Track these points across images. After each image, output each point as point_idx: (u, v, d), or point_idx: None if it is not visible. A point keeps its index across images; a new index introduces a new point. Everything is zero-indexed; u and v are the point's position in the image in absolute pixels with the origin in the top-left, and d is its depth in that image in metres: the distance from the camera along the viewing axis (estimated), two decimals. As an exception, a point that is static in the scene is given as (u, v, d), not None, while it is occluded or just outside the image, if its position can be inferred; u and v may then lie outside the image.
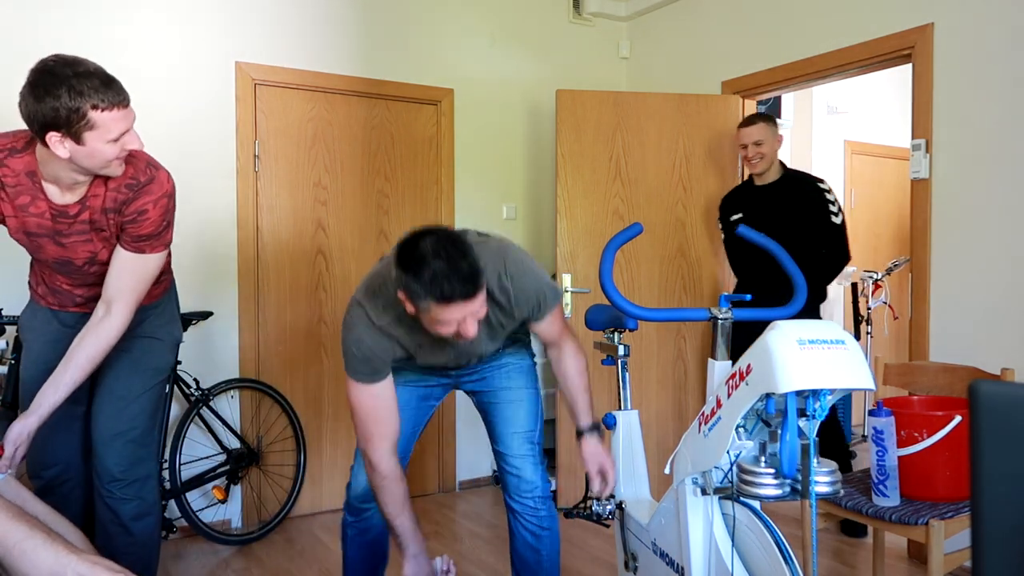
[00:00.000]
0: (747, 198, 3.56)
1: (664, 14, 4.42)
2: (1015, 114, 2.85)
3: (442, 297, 1.63)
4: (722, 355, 1.93)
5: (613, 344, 2.49)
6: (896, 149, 5.63)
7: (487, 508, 3.85)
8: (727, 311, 1.94)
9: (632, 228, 2.05)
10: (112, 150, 1.79)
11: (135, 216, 1.96)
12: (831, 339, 1.51)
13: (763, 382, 1.52)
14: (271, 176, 3.65)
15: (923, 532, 2.16)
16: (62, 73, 1.71)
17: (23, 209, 1.92)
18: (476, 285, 1.66)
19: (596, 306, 2.62)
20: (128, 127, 1.80)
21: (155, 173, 1.97)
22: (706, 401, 1.84)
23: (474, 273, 1.65)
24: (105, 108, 1.73)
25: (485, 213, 4.20)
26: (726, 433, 1.65)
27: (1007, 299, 2.87)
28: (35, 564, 1.42)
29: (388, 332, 1.87)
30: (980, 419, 0.89)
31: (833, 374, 1.47)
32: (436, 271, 1.61)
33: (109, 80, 1.75)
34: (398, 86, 3.92)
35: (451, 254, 1.63)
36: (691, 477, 1.84)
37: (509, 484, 2.17)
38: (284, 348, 3.70)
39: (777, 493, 1.59)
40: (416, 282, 1.63)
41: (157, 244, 2.02)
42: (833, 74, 3.59)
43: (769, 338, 1.52)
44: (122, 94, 1.77)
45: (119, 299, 2.00)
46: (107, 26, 3.24)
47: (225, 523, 3.52)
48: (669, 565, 2.01)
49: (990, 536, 0.89)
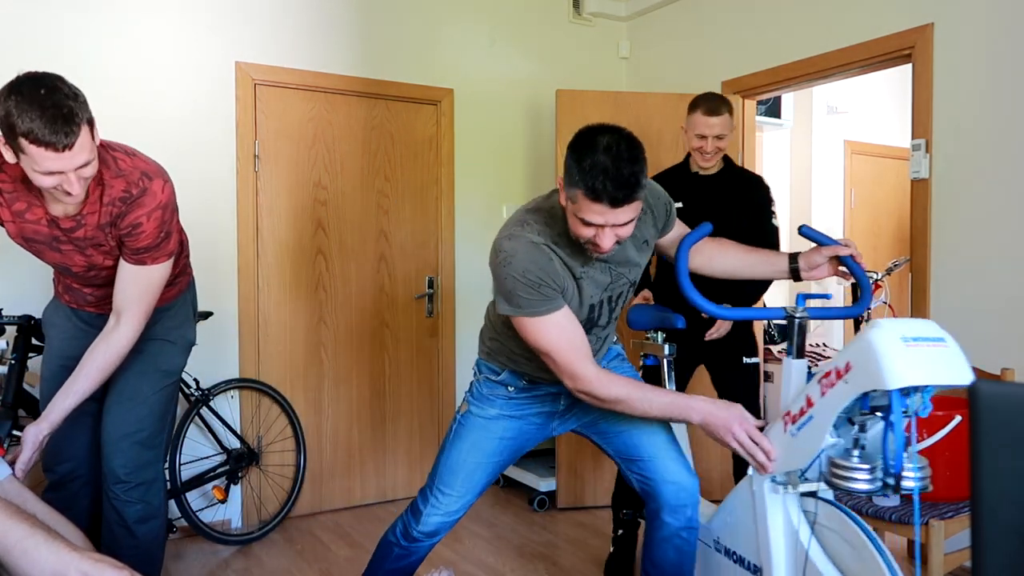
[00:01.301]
0: (686, 186, 3.07)
1: (664, 14, 4.42)
2: (1015, 114, 2.85)
3: (592, 191, 1.56)
4: (798, 354, 1.94)
5: (658, 344, 2.51)
6: (896, 149, 5.63)
7: (487, 508, 3.85)
8: (803, 310, 1.96)
9: (702, 228, 2.08)
10: (44, 181, 1.71)
11: (130, 229, 1.93)
12: (933, 336, 1.54)
13: (866, 379, 1.53)
14: (271, 176, 3.64)
15: (923, 532, 2.16)
16: (23, 86, 1.66)
17: (20, 215, 1.91)
18: (630, 194, 1.58)
19: (639, 306, 2.63)
20: (64, 169, 1.69)
21: (148, 184, 1.93)
22: (781, 400, 1.86)
23: (634, 183, 1.58)
24: (33, 141, 1.64)
25: (485, 213, 4.20)
26: (820, 432, 1.67)
27: (1007, 299, 2.87)
28: (36, 562, 1.42)
29: (552, 249, 1.78)
30: (980, 419, 0.89)
31: (938, 371, 1.50)
32: (597, 163, 1.55)
33: (56, 118, 1.64)
34: (398, 86, 3.92)
35: (620, 154, 1.56)
36: (771, 476, 1.85)
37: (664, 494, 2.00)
38: (284, 348, 3.69)
39: (870, 487, 1.62)
40: (576, 165, 1.58)
41: (158, 255, 2.00)
42: (833, 74, 3.59)
43: (872, 336, 1.53)
44: (61, 138, 1.65)
45: (127, 310, 2.00)
46: (107, 26, 3.24)
47: (225, 523, 3.52)
48: (738, 563, 2.02)
49: (990, 536, 0.89)
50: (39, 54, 3.11)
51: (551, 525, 3.60)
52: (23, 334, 2.68)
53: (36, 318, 2.65)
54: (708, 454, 3.80)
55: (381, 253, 3.93)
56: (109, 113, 3.25)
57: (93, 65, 3.22)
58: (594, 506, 3.79)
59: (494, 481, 2.13)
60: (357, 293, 3.87)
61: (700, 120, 2.93)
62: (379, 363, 3.94)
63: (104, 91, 3.23)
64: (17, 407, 2.67)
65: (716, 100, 2.94)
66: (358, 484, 3.89)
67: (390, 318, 3.97)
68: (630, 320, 2.62)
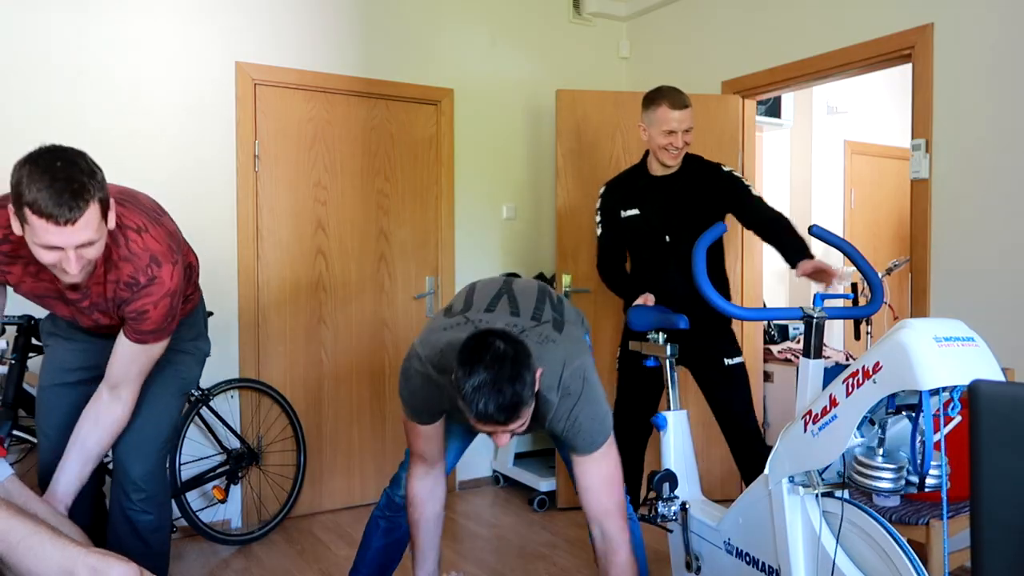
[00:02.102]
0: (642, 190, 2.89)
1: (664, 14, 4.42)
2: (1015, 114, 2.85)
3: (476, 413, 1.59)
4: (816, 354, 1.95)
5: (660, 345, 2.50)
6: (896, 149, 5.63)
7: (487, 508, 3.85)
8: (821, 310, 1.97)
9: (717, 228, 2.12)
10: (44, 256, 1.65)
11: (136, 315, 1.88)
12: (963, 336, 1.55)
13: (898, 379, 1.54)
14: (271, 176, 3.64)
15: (923, 532, 2.16)
16: (40, 157, 1.61)
17: (33, 275, 1.87)
18: (512, 416, 1.60)
19: (639, 307, 2.64)
20: (63, 245, 1.62)
21: (157, 272, 1.85)
22: (797, 400, 1.86)
23: (516, 404, 1.58)
24: (36, 212, 1.57)
25: (485, 213, 4.20)
26: (845, 431, 1.67)
27: (1007, 299, 2.87)
28: (42, 559, 1.42)
29: (441, 389, 1.83)
30: (980, 419, 0.89)
31: (970, 370, 1.50)
32: (481, 384, 1.56)
33: (64, 191, 1.58)
34: (398, 86, 3.92)
35: (502, 374, 1.56)
36: (788, 476, 1.85)
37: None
38: (284, 348, 3.69)
39: (895, 487, 1.63)
40: (462, 382, 1.59)
41: (161, 335, 1.96)
42: (833, 74, 3.59)
43: (904, 337, 1.53)
44: (64, 212, 1.58)
45: (125, 387, 1.98)
46: (107, 26, 3.24)
47: (225, 523, 3.52)
48: (753, 565, 2.03)
49: (990, 536, 0.89)
50: (39, 54, 3.11)
51: (551, 525, 3.60)
52: (23, 334, 2.68)
53: (36, 318, 2.65)
54: (709, 454, 3.80)
55: (381, 253, 3.93)
56: (109, 113, 3.26)
57: (93, 65, 3.22)
58: (594, 506, 3.78)
59: (467, 443, 2.23)
60: (357, 293, 3.87)
61: (666, 115, 2.74)
62: (379, 363, 3.94)
63: (104, 91, 3.23)
64: (17, 407, 2.67)
65: (678, 92, 2.80)
66: (358, 484, 3.89)
67: (390, 318, 3.97)
68: (631, 322, 2.62)
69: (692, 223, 2.80)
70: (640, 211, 2.86)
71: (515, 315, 1.87)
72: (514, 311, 1.88)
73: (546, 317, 1.88)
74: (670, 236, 2.84)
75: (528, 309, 1.89)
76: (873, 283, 2.15)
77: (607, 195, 2.99)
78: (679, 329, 2.44)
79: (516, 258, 4.33)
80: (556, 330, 1.85)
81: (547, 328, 1.84)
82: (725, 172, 2.84)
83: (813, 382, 1.92)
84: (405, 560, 2.27)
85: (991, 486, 0.88)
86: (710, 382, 2.84)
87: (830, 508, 1.81)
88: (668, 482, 2.28)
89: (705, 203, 2.82)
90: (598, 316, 3.83)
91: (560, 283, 3.81)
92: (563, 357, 1.78)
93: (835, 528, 1.80)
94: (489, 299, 1.93)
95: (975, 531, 0.89)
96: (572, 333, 1.89)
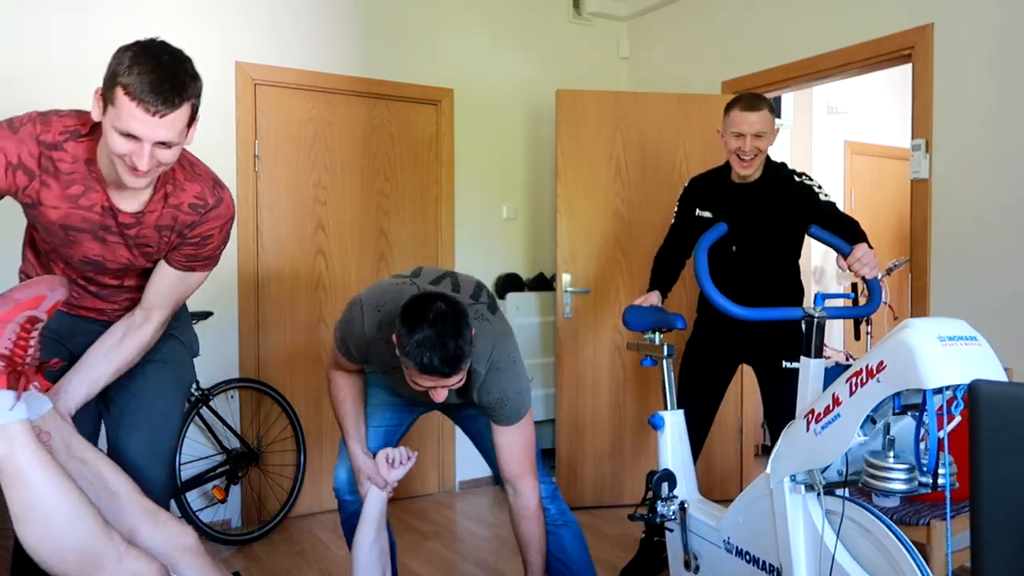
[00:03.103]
0: (720, 194, 2.82)
1: (664, 14, 4.42)
2: (1015, 114, 2.85)
3: (421, 366, 1.73)
4: (817, 354, 1.96)
5: (657, 344, 2.51)
6: (896, 149, 5.63)
7: (487, 508, 3.85)
8: (821, 309, 1.97)
9: (717, 228, 2.13)
10: (117, 144, 1.56)
11: (199, 240, 1.84)
12: (967, 335, 1.56)
13: (902, 378, 1.54)
14: (271, 176, 3.64)
15: (924, 532, 2.16)
16: (151, 45, 1.56)
17: (73, 200, 1.73)
18: (455, 368, 1.75)
19: (634, 307, 2.64)
20: (144, 137, 1.54)
21: (222, 194, 1.84)
22: (798, 399, 1.90)
23: (458, 357, 1.74)
24: (128, 94, 1.51)
25: (485, 213, 4.20)
26: (848, 431, 1.68)
27: (1007, 299, 2.87)
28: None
29: (372, 347, 2.00)
30: (980, 419, 0.89)
31: (974, 370, 1.51)
32: (425, 339, 1.72)
33: (164, 80, 1.52)
34: (398, 86, 3.92)
35: (445, 330, 1.72)
36: (790, 475, 1.86)
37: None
38: (284, 348, 3.69)
39: (907, 487, 1.63)
40: (407, 338, 1.74)
41: (211, 264, 1.95)
42: (833, 74, 3.59)
43: (908, 336, 1.54)
44: (158, 101, 1.52)
45: (161, 309, 1.95)
46: (107, 26, 3.24)
47: (225, 523, 3.52)
48: (753, 563, 2.03)
49: (990, 536, 0.89)
50: (38, 53, 3.11)
51: (551, 525, 3.60)
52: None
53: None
54: (709, 454, 3.80)
55: (381, 253, 3.93)
56: (109, 113, 3.26)
57: (93, 64, 3.20)
58: (594, 506, 3.78)
59: (404, 422, 2.37)
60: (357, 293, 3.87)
61: (737, 117, 2.64)
62: (379, 363, 3.94)
63: (104, 91, 3.23)
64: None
65: (754, 96, 2.73)
66: (358, 484, 3.89)
67: (390, 318, 3.96)
68: (627, 322, 2.62)
69: (762, 237, 2.75)
70: (713, 215, 2.80)
71: (456, 293, 2.03)
72: (455, 290, 2.06)
73: (483, 300, 2.08)
74: (736, 247, 2.78)
75: (468, 292, 2.08)
76: (871, 283, 2.15)
77: (689, 190, 2.95)
78: (681, 328, 2.45)
79: (516, 258, 4.33)
80: (491, 312, 2.05)
81: (483, 308, 2.04)
82: (798, 182, 2.73)
83: (814, 382, 1.92)
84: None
85: (991, 486, 0.88)
86: (768, 385, 2.84)
87: (831, 507, 1.81)
88: (667, 482, 2.29)
89: (778, 217, 2.72)
90: (598, 316, 3.84)
91: (560, 283, 3.81)
92: (493, 337, 1.99)
93: (836, 527, 1.80)
94: (434, 277, 2.12)
95: (975, 531, 0.89)
96: (503, 320, 2.10)
